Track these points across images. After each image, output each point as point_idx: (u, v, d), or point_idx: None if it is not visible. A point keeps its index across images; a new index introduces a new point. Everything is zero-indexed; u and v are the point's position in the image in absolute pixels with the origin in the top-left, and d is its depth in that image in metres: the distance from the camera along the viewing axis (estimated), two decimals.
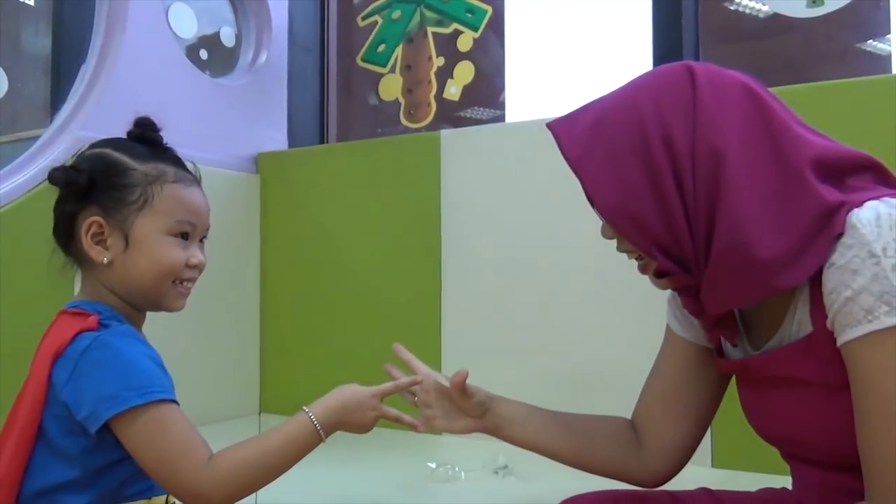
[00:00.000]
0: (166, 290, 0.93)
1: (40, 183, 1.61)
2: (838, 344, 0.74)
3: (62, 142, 1.72)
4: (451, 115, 2.36)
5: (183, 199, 0.93)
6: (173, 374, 0.90)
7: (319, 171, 2.12)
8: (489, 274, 1.81)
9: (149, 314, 0.96)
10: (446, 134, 1.93)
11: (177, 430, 0.83)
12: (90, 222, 0.90)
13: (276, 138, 2.30)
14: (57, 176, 0.89)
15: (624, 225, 0.85)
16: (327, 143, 2.51)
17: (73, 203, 0.91)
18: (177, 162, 0.96)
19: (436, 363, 1.84)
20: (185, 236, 0.93)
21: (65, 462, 0.84)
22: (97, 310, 0.89)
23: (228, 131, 2.14)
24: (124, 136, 0.96)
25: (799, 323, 0.82)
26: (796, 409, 0.84)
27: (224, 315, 2.06)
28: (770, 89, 0.88)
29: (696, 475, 1.40)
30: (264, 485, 0.87)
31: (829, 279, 0.75)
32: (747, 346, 0.94)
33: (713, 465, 1.47)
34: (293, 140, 2.35)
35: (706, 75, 0.84)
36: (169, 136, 0.94)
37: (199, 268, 0.95)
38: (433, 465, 1.48)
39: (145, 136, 0.95)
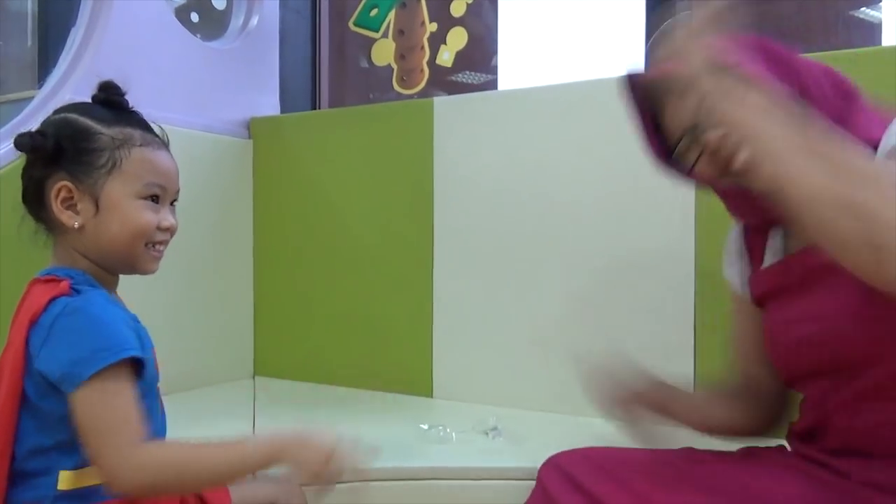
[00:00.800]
0: (139, 254, 0.93)
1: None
2: None
3: (53, 106, 1.70)
4: (442, 80, 2.35)
5: (152, 162, 0.93)
6: (167, 338, 0.92)
7: (313, 137, 2.11)
8: (481, 240, 1.83)
9: (141, 280, 0.97)
10: (439, 101, 1.92)
11: (122, 400, 0.83)
12: (59, 187, 0.89)
13: (268, 102, 2.29)
14: (23, 142, 0.89)
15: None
16: (319, 107, 2.50)
17: (41, 168, 0.90)
18: (143, 125, 0.95)
19: (427, 327, 1.88)
20: (155, 199, 0.93)
21: (51, 425, 0.85)
22: (69, 275, 0.90)
23: (220, 95, 2.13)
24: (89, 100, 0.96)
25: None
26: (833, 299, 0.88)
27: (217, 279, 2.08)
28: None
29: (684, 434, 1.45)
30: (181, 490, 0.87)
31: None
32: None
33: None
34: (285, 104, 2.34)
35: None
36: (159, 100, 0.94)
37: (170, 231, 0.95)
38: (425, 427, 1.52)
39: (110, 100, 0.95)
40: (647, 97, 1.02)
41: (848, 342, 0.87)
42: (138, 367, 0.86)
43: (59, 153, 0.89)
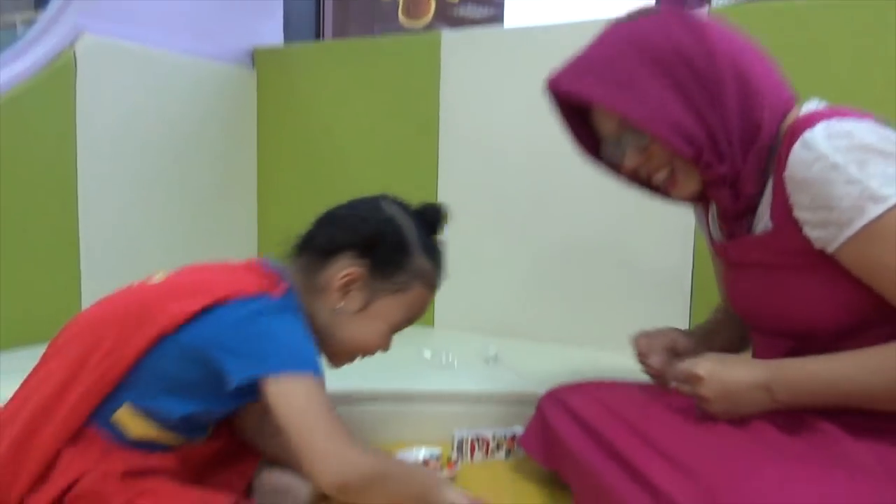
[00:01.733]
0: (347, 358, 1.04)
1: (40, 70, 1.62)
2: (832, 249, 0.83)
3: (59, 29, 1.70)
4: (448, 14, 2.33)
5: (423, 305, 1.03)
6: (177, 258, 0.94)
7: (318, 69, 2.11)
8: (486, 177, 1.86)
9: (143, 209, 1.00)
10: (447, 36, 1.92)
11: (318, 403, 0.87)
12: (354, 272, 0.97)
13: (271, 29, 2.27)
14: (345, 216, 1.01)
15: (668, 130, 0.91)
16: (323, 36, 2.48)
17: (348, 242, 0.98)
18: (439, 264, 1.04)
19: None
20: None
21: (156, 386, 0.90)
22: (293, 291, 0.96)
23: (223, 21, 2.11)
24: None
25: (762, 219, 0.92)
26: (759, 284, 0.94)
27: (220, 209, 2.11)
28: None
29: None
30: (372, 499, 0.88)
31: (801, 193, 0.84)
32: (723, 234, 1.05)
33: None
34: (288, 31, 2.32)
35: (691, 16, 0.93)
36: (163, 25, 0.93)
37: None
38: (428, 354, 1.59)
39: (433, 225, 1.04)
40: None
41: (776, 321, 0.95)
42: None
43: (373, 247, 0.97)
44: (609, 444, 0.93)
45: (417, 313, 1.04)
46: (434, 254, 1.03)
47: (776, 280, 0.91)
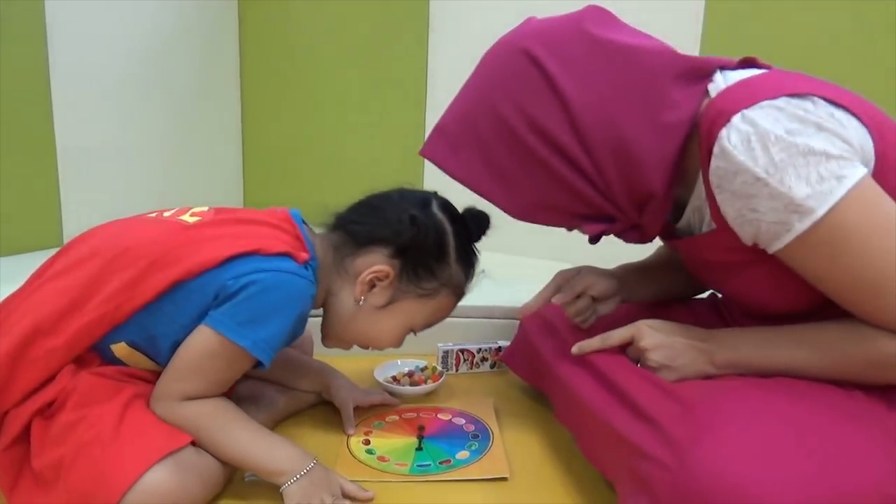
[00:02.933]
0: (341, 343, 1.02)
1: None
2: (770, 252, 0.78)
3: None
4: None
5: (446, 312, 1.02)
6: (158, 175, 0.89)
7: None
8: None
9: (129, 118, 0.94)
10: None
11: (215, 366, 0.85)
12: (384, 269, 0.94)
13: None
14: (413, 225, 0.94)
15: (543, 217, 0.89)
16: None
17: (383, 236, 0.95)
18: (471, 273, 1.01)
19: (419, 172, 1.90)
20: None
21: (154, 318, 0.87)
22: (313, 261, 0.92)
23: None
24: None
25: (704, 221, 0.87)
26: (716, 275, 0.92)
27: (203, 114, 2.05)
28: None
29: None
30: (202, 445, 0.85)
31: (727, 205, 0.78)
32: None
33: None
34: None
35: (543, 47, 0.83)
36: None
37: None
38: None
39: (478, 231, 1.00)
40: None
41: (755, 305, 0.92)
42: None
43: (409, 250, 0.94)
44: (589, 362, 0.94)
45: (439, 319, 1.02)
46: (468, 263, 1.01)
47: (729, 274, 0.88)
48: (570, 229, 0.94)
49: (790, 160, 0.71)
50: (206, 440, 0.84)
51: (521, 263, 1.73)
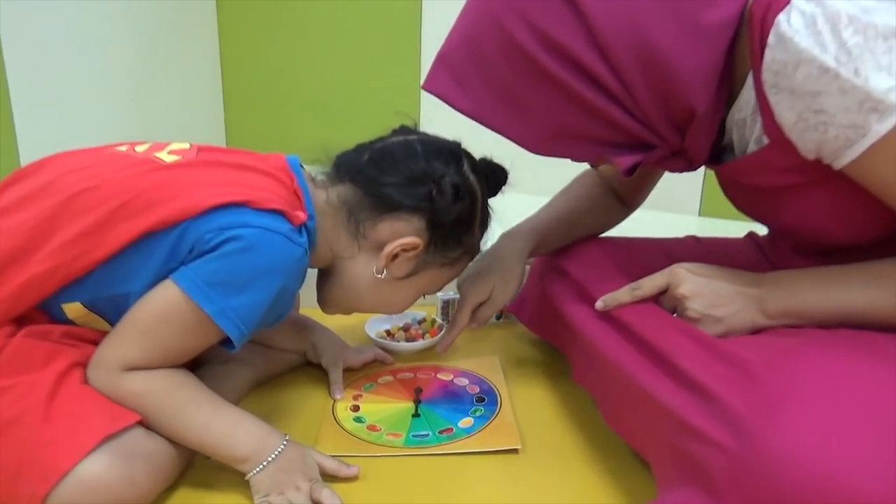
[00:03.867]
0: (344, 310, 0.90)
1: None
2: (836, 167, 0.64)
3: None
4: None
5: (458, 274, 0.92)
6: (136, 113, 0.74)
7: None
8: None
9: (100, 55, 0.78)
10: None
11: (169, 331, 0.70)
12: (416, 243, 0.80)
13: None
14: (455, 195, 0.80)
15: (566, 149, 0.75)
16: None
17: (414, 205, 0.80)
18: (486, 234, 0.90)
19: (415, 102, 1.73)
20: None
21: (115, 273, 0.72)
22: (311, 221, 0.77)
23: None
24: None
25: (752, 137, 0.72)
26: (765, 204, 0.79)
27: (180, 50, 1.87)
28: None
29: (683, 224, 1.38)
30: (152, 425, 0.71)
31: (784, 109, 0.63)
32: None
33: (700, 214, 1.43)
34: None
35: None
36: None
37: None
38: None
39: (496, 191, 0.89)
40: None
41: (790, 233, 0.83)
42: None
43: (446, 220, 0.81)
44: (615, 315, 0.79)
45: (449, 282, 0.91)
46: (487, 225, 0.89)
47: (782, 201, 0.74)
48: (596, 164, 0.79)
49: (867, 45, 0.57)
50: (155, 420, 0.70)
51: (530, 203, 1.56)
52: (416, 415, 0.89)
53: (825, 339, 0.65)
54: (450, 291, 1.17)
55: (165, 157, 0.76)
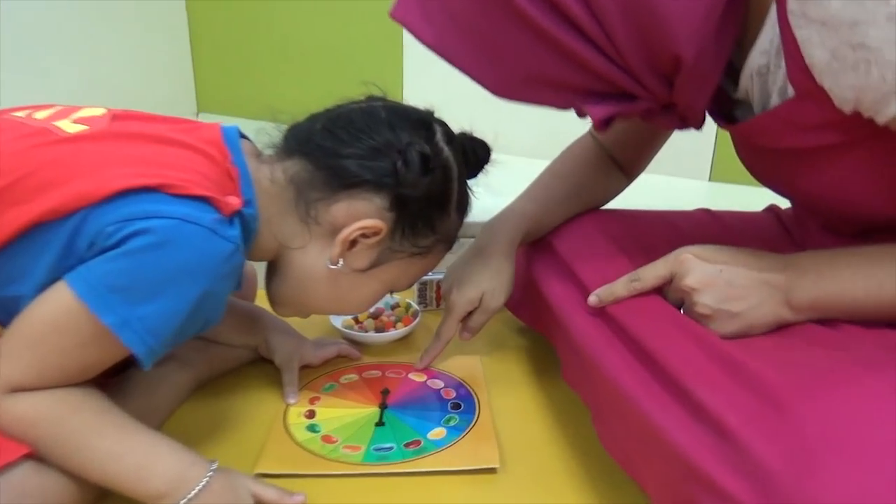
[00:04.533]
0: (297, 311, 0.76)
1: None
2: (880, 122, 0.51)
3: None
4: None
5: (431, 268, 0.76)
6: (104, 79, 0.59)
7: None
8: None
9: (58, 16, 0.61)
10: None
11: (61, 345, 0.56)
12: (378, 226, 0.67)
13: None
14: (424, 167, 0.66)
15: (534, 94, 0.64)
16: None
17: (389, 189, 0.66)
18: (464, 219, 0.76)
19: (397, 56, 1.57)
20: None
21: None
22: (248, 208, 0.63)
23: None
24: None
25: (774, 88, 0.59)
26: (788, 169, 0.66)
27: (146, 10, 1.71)
28: None
29: (693, 189, 1.25)
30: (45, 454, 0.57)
31: (815, 46, 0.50)
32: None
33: (710, 179, 1.29)
34: None
35: None
36: None
37: None
38: None
39: (477, 171, 0.75)
40: None
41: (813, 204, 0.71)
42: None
43: (414, 197, 0.67)
44: (612, 316, 0.66)
45: (422, 275, 0.77)
46: (465, 208, 0.75)
47: (810, 166, 0.62)
48: (576, 111, 0.67)
49: None
50: (48, 451, 0.57)
51: (524, 168, 1.42)
52: (379, 423, 0.76)
53: (871, 352, 0.52)
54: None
55: (68, 126, 0.62)
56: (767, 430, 0.44)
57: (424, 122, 0.69)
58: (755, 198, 0.91)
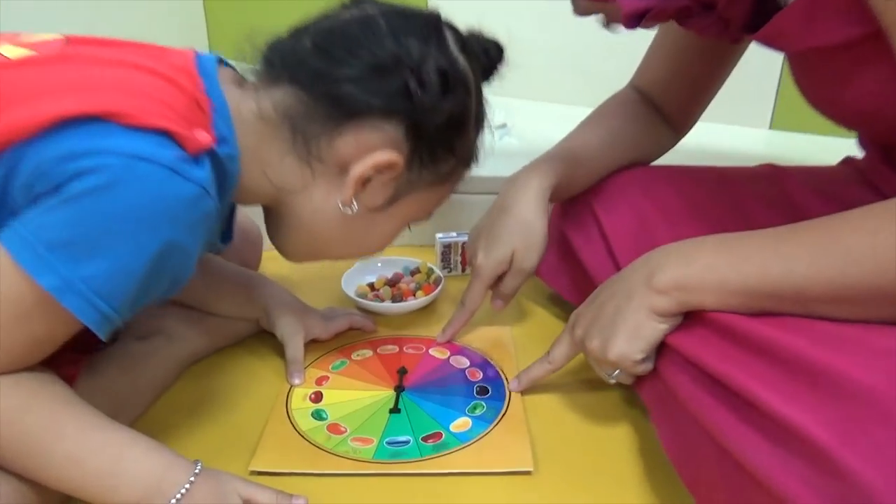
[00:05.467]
0: (312, 257, 0.65)
1: None
2: None
3: None
4: None
5: (450, 194, 0.65)
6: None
7: None
8: None
9: None
10: None
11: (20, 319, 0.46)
12: (394, 160, 0.56)
13: None
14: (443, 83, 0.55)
15: None
16: None
17: (402, 115, 0.55)
18: (479, 136, 0.63)
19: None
20: None
21: None
22: (223, 146, 0.52)
23: None
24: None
25: None
26: (836, 79, 0.57)
27: None
28: None
29: (753, 137, 1.13)
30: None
31: None
32: None
33: (771, 128, 1.15)
34: None
35: None
36: None
37: None
38: None
39: (491, 74, 0.63)
40: None
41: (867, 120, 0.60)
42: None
43: (431, 120, 0.56)
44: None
45: (443, 202, 0.66)
46: (483, 121, 0.63)
47: (852, 72, 0.54)
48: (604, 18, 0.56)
49: None
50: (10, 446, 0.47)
51: (549, 113, 1.29)
52: (394, 409, 0.66)
53: None
54: (452, 232, 0.93)
55: (10, 51, 0.51)
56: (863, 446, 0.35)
57: (433, 26, 0.57)
58: (820, 147, 0.79)
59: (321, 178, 0.57)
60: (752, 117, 1.13)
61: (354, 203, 0.58)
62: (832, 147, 0.81)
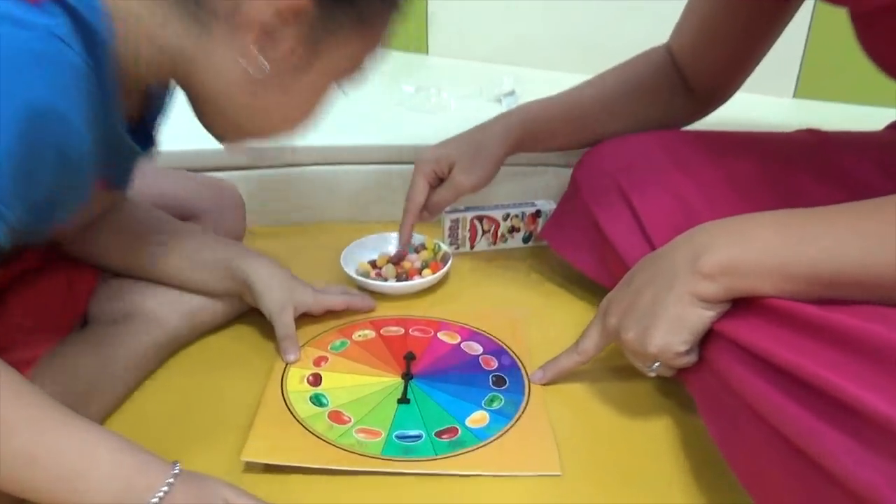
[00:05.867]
0: (239, 136, 0.56)
1: None
2: None
3: None
4: None
5: (379, 41, 0.54)
6: None
7: None
8: None
9: None
10: None
11: None
12: (299, 3, 0.46)
13: None
14: None
15: None
16: None
17: None
18: None
19: None
20: None
21: None
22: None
23: None
24: None
25: None
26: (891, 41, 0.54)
27: None
28: None
29: (776, 106, 1.07)
30: None
31: None
32: None
33: (795, 96, 1.09)
34: None
35: None
36: None
37: None
38: (411, 90, 1.09)
39: None
40: None
41: None
42: None
43: None
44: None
45: (374, 52, 0.55)
46: None
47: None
48: None
49: None
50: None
51: (555, 81, 1.23)
52: (403, 399, 0.60)
53: None
54: (460, 206, 0.86)
55: None
56: None
57: None
58: (846, 116, 0.73)
59: (219, 37, 0.48)
60: (775, 86, 1.06)
61: (264, 62, 0.49)
62: (858, 115, 0.76)
